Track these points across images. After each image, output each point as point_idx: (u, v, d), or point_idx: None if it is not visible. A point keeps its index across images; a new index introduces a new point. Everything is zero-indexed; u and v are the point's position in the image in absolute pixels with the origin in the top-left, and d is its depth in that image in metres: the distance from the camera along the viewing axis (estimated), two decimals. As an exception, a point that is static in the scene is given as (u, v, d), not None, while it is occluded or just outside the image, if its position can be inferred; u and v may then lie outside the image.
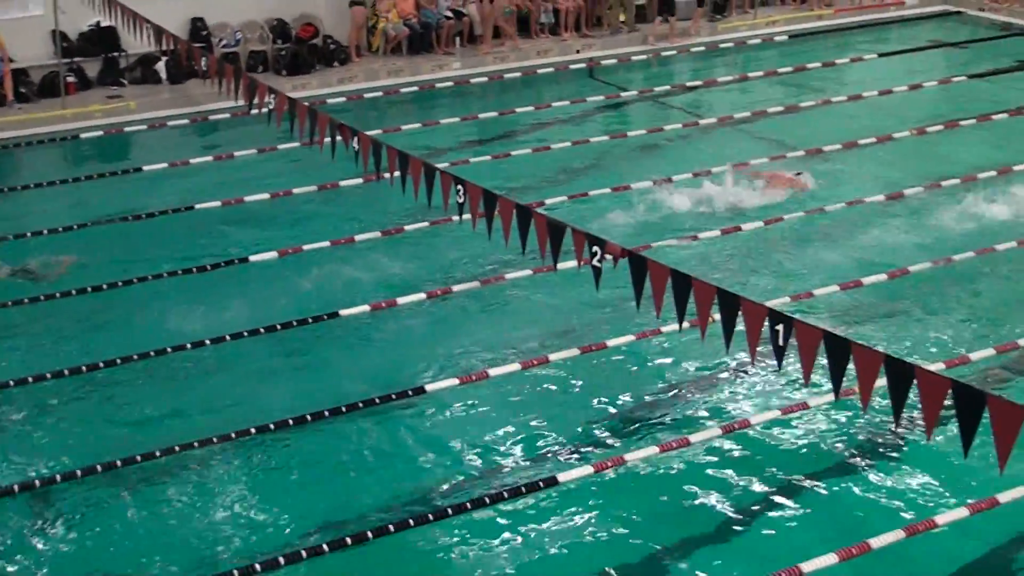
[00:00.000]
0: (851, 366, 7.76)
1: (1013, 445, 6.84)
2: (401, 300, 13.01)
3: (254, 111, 14.29)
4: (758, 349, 8.35)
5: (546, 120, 19.81)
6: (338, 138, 12.40)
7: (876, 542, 8.99)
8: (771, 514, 9.85)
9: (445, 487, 10.16)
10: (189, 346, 12.05)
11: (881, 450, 10.63)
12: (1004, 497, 9.35)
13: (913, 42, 24.72)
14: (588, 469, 10.10)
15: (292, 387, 11.65)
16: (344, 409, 10.98)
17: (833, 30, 25.54)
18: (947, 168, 17.03)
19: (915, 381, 7.38)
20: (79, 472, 10.11)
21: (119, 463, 10.21)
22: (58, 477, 10.07)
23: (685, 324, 9.28)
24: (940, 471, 10.18)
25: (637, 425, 11.03)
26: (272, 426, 10.72)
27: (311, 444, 10.77)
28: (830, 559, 8.79)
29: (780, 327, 8.22)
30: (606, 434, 10.90)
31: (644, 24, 24.89)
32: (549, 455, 10.59)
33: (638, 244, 13.51)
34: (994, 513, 9.35)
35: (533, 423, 11.07)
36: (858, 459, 10.52)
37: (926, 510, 9.58)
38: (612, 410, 11.29)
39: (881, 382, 7.66)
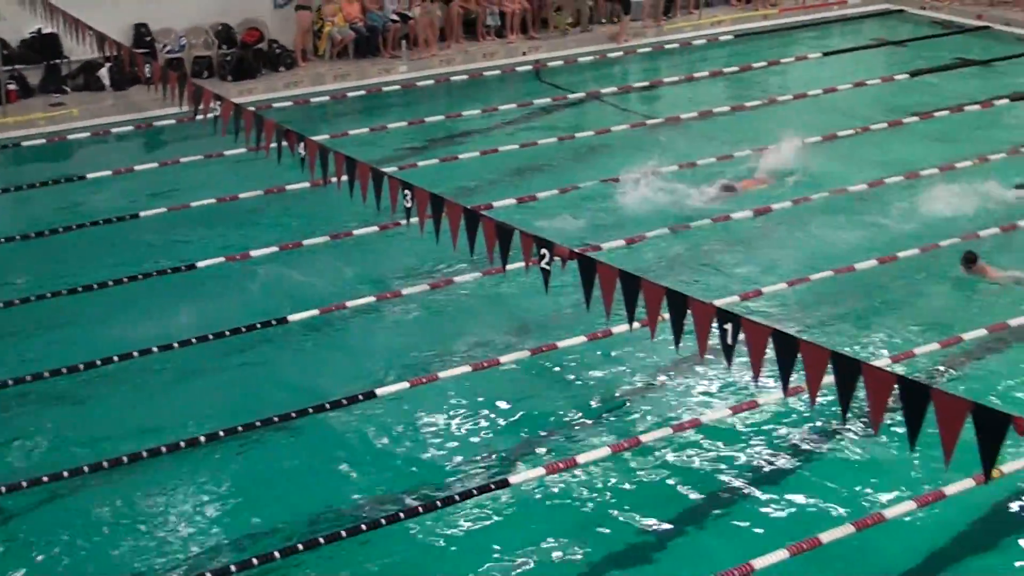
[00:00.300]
0: (799, 363, 7.82)
1: (958, 438, 6.91)
2: (350, 304, 12.98)
3: (199, 117, 14.20)
4: (707, 348, 8.39)
5: (493, 123, 19.82)
6: (284, 143, 12.36)
7: (826, 537, 9.06)
8: (722, 512, 9.91)
9: (397, 491, 10.13)
10: (136, 354, 11.95)
11: (829, 446, 10.72)
12: (950, 490, 9.45)
13: (856, 40, 24.93)
14: (540, 471, 10.11)
15: (241, 393, 11.59)
16: (294, 415, 10.93)
17: (778, 29, 25.70)
18: (891, 166, 17.19)
19: (861, 377, 7.45)
20: (24, 483, 10.00)
21: (65, 473, 10.10)
22: (2, 488, 9.95)
23: (635, 324, 9.31)
24: (887, 465, 10.28)
25: (588, 426, 11.05)
26: (221, 433, 10.65)
27: (261, 451, 10.71)
28: (781, 555, 8.85)
29: (728, 326, 8.27)
30: (557, 435, 10.92)
31: (594, 25, 24.91)
32: (500, 457, 10.59)
33: (587, 245, 13.56)
34: (940, 505, 9.44)
35: (484, 425, 11.07)
36: (807, 455, 10.60)
37: (874, 504, 9.66)
38: (563, 411, 11.31)
39: (829, 379, 7.72)
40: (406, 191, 10.86)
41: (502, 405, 11.40)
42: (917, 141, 18.50)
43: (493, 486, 9.94)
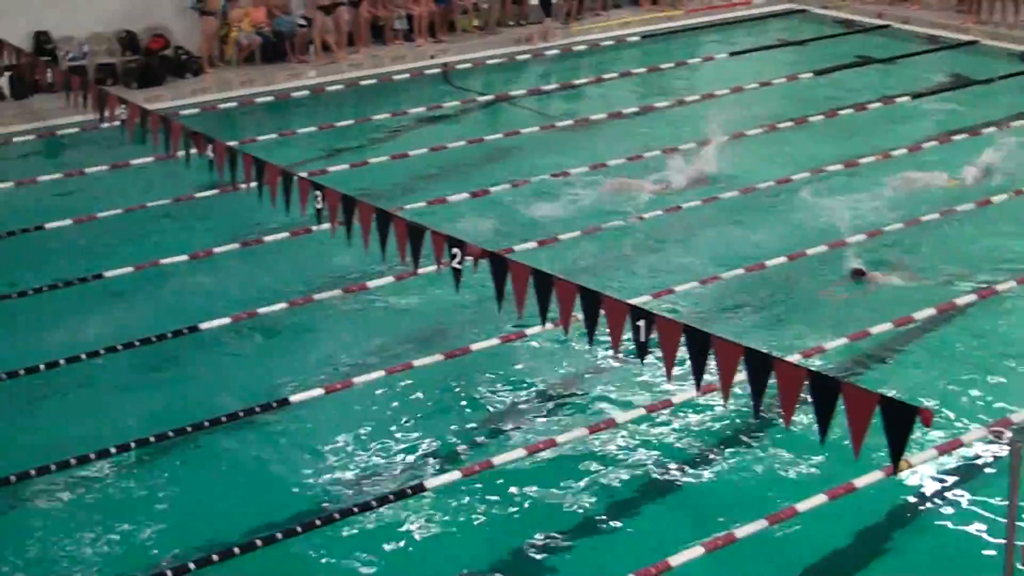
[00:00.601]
0: (712, 360, 7.89)
1: (867, 430, 7.02)
2: (262, 311, 12.85)
3: (105, 124, 14.00)
4: (621, 346, 8.44)
5: (403, 126, 19.78)
6: (192, 149, 12.23)
7: (741, 532, 9.14)
8: (639, 510, 9.96)
9: (313, 498, 10.06)
10: (43, 367, 11.72)
11: (743, 441, 10.82)
12: (860, 482, 9.57)
13: (761, 40, 25.23)
14: (456, 474, 10.09)
15: (153, 404, 11.43)
16: (207, 424, 10.80)
17: (684, 30, 25.93)
18: (798, 163, 17.41)
19: (773, 371, 7.54)
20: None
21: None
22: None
23: (548, 324, 9.34)
24: (799, 459, 10.41)
25: (504, 428, 11.06)
26: (133, 444, 10.50)
27: (173, 462, 10.58)
28: (697, 551, 8.91)
29: (641, 323, 8.33)
30: (473, 438, 10.91)
31: (503, 27, 24.95)
32: (417, 461, 10.56)
33: (500, 247, 13.55)
34: (851, 497, 9.56)
35: (400, 430, 11.03)
36: (721, 451, 10.70)
37: (787, 498, 9.76)
38: (479, 414, 11.31)
39: (741, 375, 7.81)
40: (317, 193, 10.80)
41: (417, 409, 11.37)
42: (822, 139, 18.76)
43: (409, 491, 9.90)
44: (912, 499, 10.02)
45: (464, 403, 11.48)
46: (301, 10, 22.94)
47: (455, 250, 9.51)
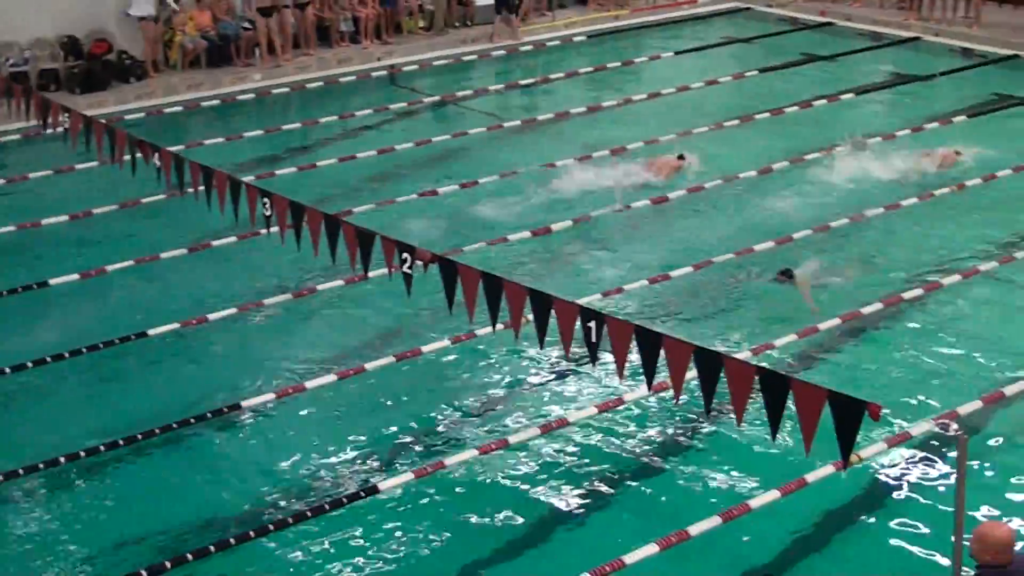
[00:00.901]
0: (663, 358, 7.92)
1: (817, 426, 7.07)
2: (212, 316, 12.77)
3: (48, 131, 13.87)
4: (572, 347, 8.46)
5: (351, 129, 19.73)
6: (138, 155, 12.13)
7: (695, 529, 9.18)
8: (592, 509, 9.99)
9: (266, 503, 10.02)
10: (-10, 375, 11.63)
11: (695, 439, 10.88)
12: (812, 477, 9.65)
13: (707, 39, 25.36)
14: (409, 476, 10.08)
15: (101, 413, 11.34)
16: (158, 431, 10.72)
17: (630, 29, 26.03)
18: (744, 161, 17.52)
19: (723, 369, 7.58)
20: None
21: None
22: None
23: (499, 326, 9.35)
24: (752, 456, 10.48)
25: (456, 429, 11.06)
26: (83, 453, 10.41)
27: (125, 470, 10.50)
28: (651, 549, 8.94)
29: (592, 324, 8.34)
30: (425, 440, 10.91)
31: (444, 29, 24.94)
32: (369, 464, 10.55)
33: (449, 249, 13.56)
34: (803, 492, 9.64)
35: (352, 433, 11.00)
36: (674, 449, 10.75)
37: (740, 495, 9.83)
38: (431, 416, 11.30)
39: (692, 373, 7.84)
40: (265, 199, 10.75)
41: (369, 412, 11.34)
42: (768, 136, 18.90)
43: (363, 494, 9.88)
44: (863, 492, 10.12)
45: (416, 405, 11.46)
46: (246, 13, 22.81)
47: (405, 255, 9.50)
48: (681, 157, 17.39)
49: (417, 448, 10.78)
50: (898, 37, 24.88)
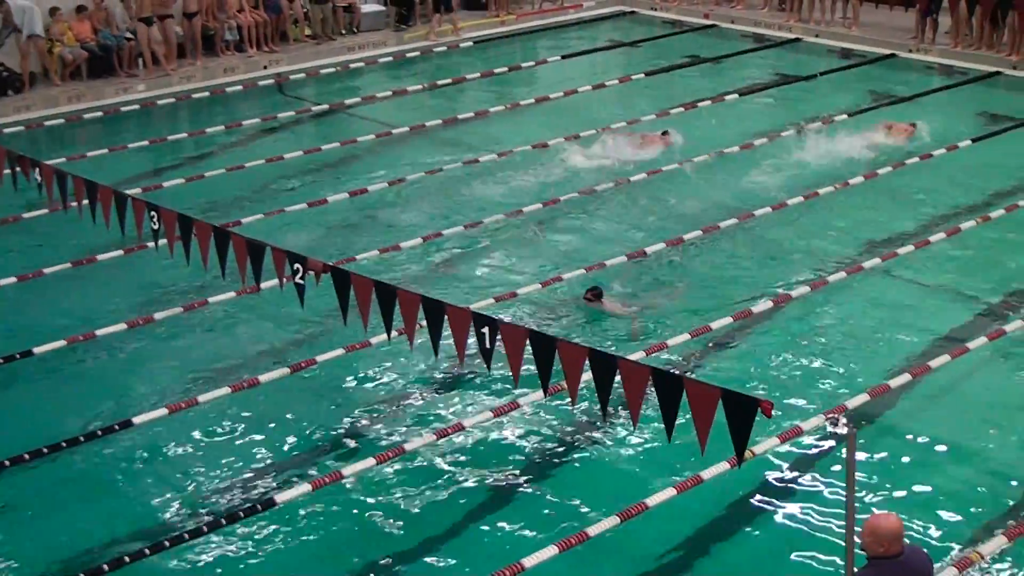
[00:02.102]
0: (558, 362, 7.97)
1: (711, 424, 7.17)
2: (100, 332, 12.53)
3: (-76, 147, 13.53)
4: (467, 352, 8.47)
5: (239, 138, 19.53)
6: (18, 169, 11.90)
7: (593, 530, 9.24)
8: (491, 513, 10.00)
9: (161, 520, 9.87)
10: None
11: (592, 441, 10.95)
12: (707, 474, 9.76)
13: (593, 43, 25.57)
14: (306, 487, 9.99)
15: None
16: (46, 450, 10.48)
17: (516, 34, 26.13)
18: (633, 164, 17.68)
19: (618, 371, 7.64)
20: None
21: None
22: None
23: (393, 334, 9.33)
24: (648, 455, 10.59)
25: (352, 439, 11.00)
26: (-31, 475, 10.18)
27: (14, 489, 10.27)
28: (551, 551, 8.97)
29: (486, 329, 8.37)
30: (322, 451, 10.84)
31: (335, 36, 24.84)
32: (265, 477, 10.45)
33: (342, 258, 13.50)
34: (699, 490, 9.76)
35: (247, 446, 10.89)
36: (571, 452, 10.80)
37: (638, 494, 9.90)
38: (327, 426, 11.22)
39: (588, 375, 7.90)
40: (152, 213, 10.61)
41: (264, 425, 11.24)
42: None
43: (260, 507, 9.78)
44: (757, 488, 10.26)
45: (311, 416, 11.38)
46: (128, 23, 22.43)
47: (297, 265, 9.44)
48: (665, 133, 18.46)
49: (314, 459, 10.70)
50: (780, 38, 25.33)
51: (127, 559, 9.09)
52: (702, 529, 9.79)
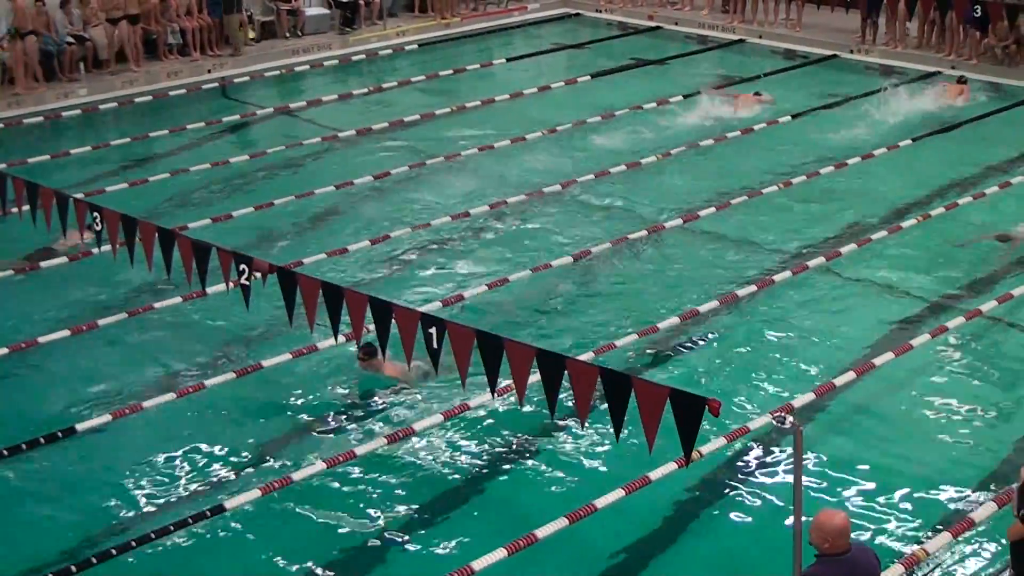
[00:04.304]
0: (506, 362, 7.97)
1: (659, 424, 7.19)
2: (43, 339, 12.38)
3: None
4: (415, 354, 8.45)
5: (183, 143, 19.36)
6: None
7: (542, 532, 9.23)
8: (440, 517, 9.99)
9: (107, 527, 9.77)
10: None
11: (540, 442, 10.95)
12: (655, 475, 9.79)
13: (538, 45, 25.59)
14: (256, 493, 9.92)
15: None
16: (-14, 460, 10.37)
17: (461, 37, 26.10)
18: (580, 165, 17.74)
19: (566, 371, 7.65)
20: None
21: None
22: None
23: (341, 337, 9.30)
24: (596, 456, 10.61)
25: (302, 443, 10.94)
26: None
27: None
28: (500, 554, 8.96)
29: (433, 330, 8.36)
30: (270, 456, 10.76)
31: (275, 40, 24.70)
32: (214, 482, 10.37)
33: (289, 261, 13.42)
34: (648, 490, 9.78)
35: (195, 452, 10.80)
36: (519, 453, 10.81)
37: (586, 495, 9.91)
38: (275, 430, 11.16)
39: (536, 376, 7.90)
40: (95, 214, 10.50)
41: (211, 429, 11.15)
42: (602, 141, 19.11)
43: (209, 513, 9.70)
44: (705, 487, 10.30)
45: (260, 421, 11.31)
46: (68, 28, 22.18)
47: (243, 267, 9.38)
48: (758, 94, 20.41)
49: (262, 464, 10.63)
50: (724, 40, 25.48)
51: (73, 568, 8.99)
52: (651, 529, 9.82)
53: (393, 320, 8.66)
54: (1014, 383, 12.10)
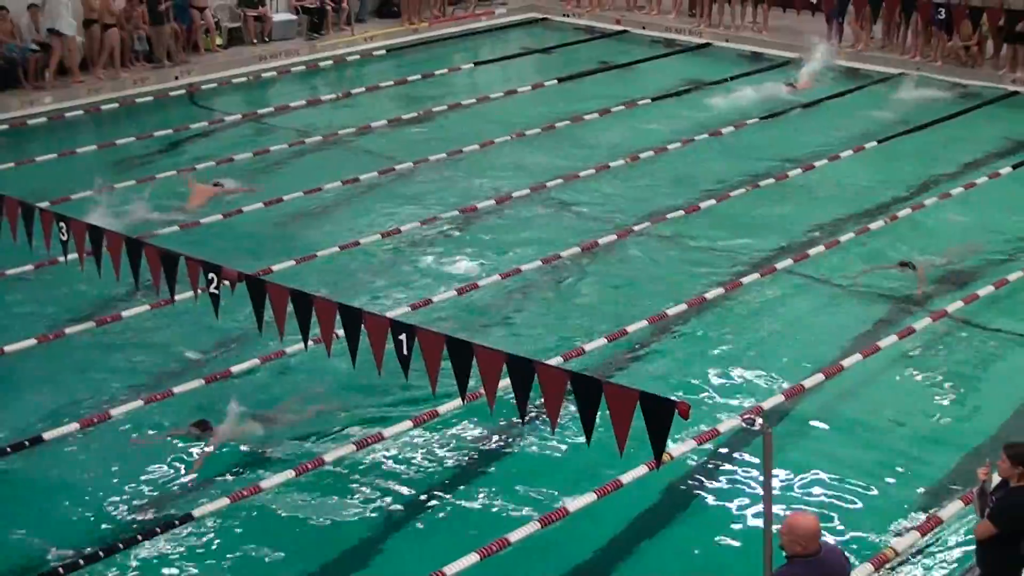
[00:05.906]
0: (476, 368, 7.97)
1: (629, 427, 7.21)
2: (9, 348, 12.30)
3: None
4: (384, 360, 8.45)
5: (150, 150, 19.26)
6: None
7: (514, 536, 9.25)
8: (411, 522, 9.98)
9: (75, 537, 9.70)
10: None
11: (512, 446, 10.96)
12: (626, 477, 9.82)
13: (506, 50, 25.60)
14: (224, 501, 9.89)
15: None
16: (-47, 469, 10.30)
17: (429, 42, 26.07)
18: (548, 170, 17.75)
19: (536, 375, 7.66)
20: None
21: None
22: None
23: (310, 343, 9.27)
24: (568, 459, 10.61)
25: (270, 451, 10.90)
26: None
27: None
28: (472, 559, 8.98)
29: (403, 336, 8.35)
30: (239, 463, 10.72)
31: (242, 47, 24.62)
32: (181, 490, 10.32)
33: (258, 268, 13.38)
34: (619, 493, 9.81)
35: (162, 460, 10.75)
36: (491, 458, 10.81)
37: (558, 498, 9.94)
38: (243, 437, 11.10)
39: (505, 381, 7.90)
40: (61, 224, 10.45)
41: (181, 436, 11.09)
42: (571, 144, 19.15)
43: (177, 521, 9.67)
44: (676, 490, 10.33)
45: (229, 427, 11.26)
46: (33, 35, 22.03)
47: (211, 275, 9.35)
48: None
49: (231, 471, 10.59)
50: (690, 44, 25.55)
51: (39, 579, 8.96)
52: (623, 532, 9.84)
53: (363, 327, 8.65)
54: (979, 382, 12.20)
